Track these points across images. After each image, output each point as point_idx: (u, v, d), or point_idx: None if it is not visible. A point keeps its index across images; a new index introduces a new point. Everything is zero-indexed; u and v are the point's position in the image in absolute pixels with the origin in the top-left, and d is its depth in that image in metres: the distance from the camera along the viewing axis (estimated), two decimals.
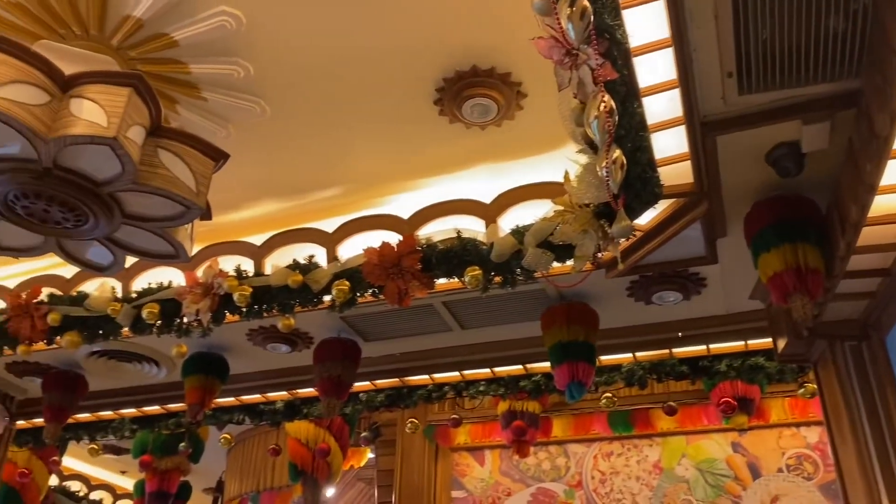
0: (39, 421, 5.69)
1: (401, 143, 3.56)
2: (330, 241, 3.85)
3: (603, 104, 2.17)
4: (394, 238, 3.58)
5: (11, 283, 4.49)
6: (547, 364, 4.25)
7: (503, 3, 2.78)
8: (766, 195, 3.08)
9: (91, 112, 2.45)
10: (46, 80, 2.46)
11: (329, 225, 3.94)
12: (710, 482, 6.18)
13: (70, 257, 3.16)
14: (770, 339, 3.99)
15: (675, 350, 4.49)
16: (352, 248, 3.76)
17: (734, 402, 4.97)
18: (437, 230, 3.55)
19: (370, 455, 7.06)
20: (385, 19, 2.86)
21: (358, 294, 3.66)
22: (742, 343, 4.43)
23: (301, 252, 3.84)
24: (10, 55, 2.40)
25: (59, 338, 4.17)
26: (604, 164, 2.41)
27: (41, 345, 4.32)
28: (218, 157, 2.84)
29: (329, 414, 4.45)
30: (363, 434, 6.45)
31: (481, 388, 4.87)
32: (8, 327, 4.19)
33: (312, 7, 2.82)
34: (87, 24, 2.83)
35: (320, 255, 3.82)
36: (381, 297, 3.61)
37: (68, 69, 2.53)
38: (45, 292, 4.22)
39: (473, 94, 3.12)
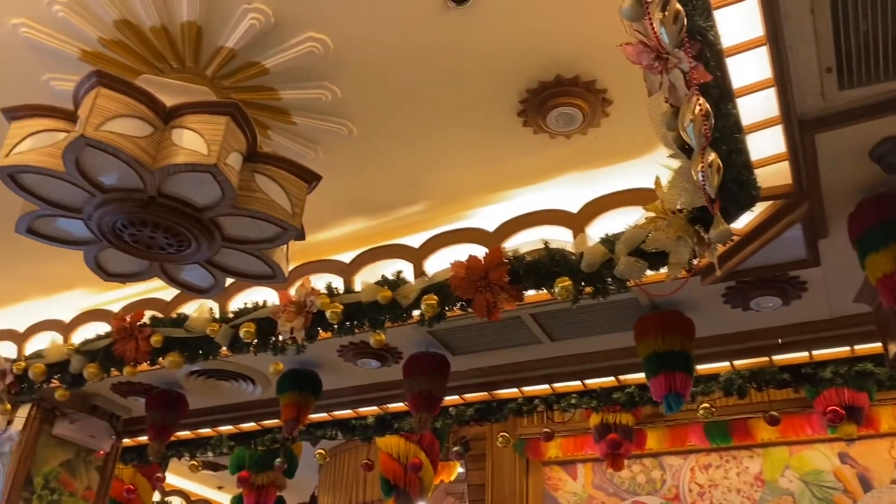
0: (143, 439, 5.96)
1: (485, 156, 3.56)
2: (416, 256, 3.88)
3: (698, 107, 2.12)
4: (480, 251, 3.58)
5: (116, 308, 4.71)
6: (641, 375, 4.16)
7: (585, 12, 2.75)
8: (871, 193, 2.94)
9: (192, 141, 2.55)
10: (149, 112, 2.58)
11: (415, 240, 3.98)
12: (818, 495, 5.89)
13: (173, 281, 3.30)
14: (880, 344, 3.79)
15: (775, 357, 4.32)
16: (438, 263, 3.79)
17: (842, 411, 4.74)
18: (523, 242, 3.53)
19: (460, 469, 7.06)
20: (467, 36, 2.88)
21: (446, 308, 3.67)
22: (848, 348, 4.22)
23: (389, 268, 3.88)
24: (116, 91, 2.53)
25: (161, 359, 4.33)
26: (699, 167, 2.35)
27: (144, 365, 4.50)
28: (311, 178, 2.92)
29: (421, 429, 4.47)
30: (454, 448, 6.46)
31: (573, 401, 4.81)
32: (114, 350, 4.39)
33: (396, 29, 2.86)
34: (183, 58, 2.96)
35: (407, 270, 3.86)
36: (470, 310, 3.61)
37: (169, 101, 2.65)
38: (147, 315, 4.41)
39: (558, 103, 3.10)
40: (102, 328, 4.60)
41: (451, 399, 5.02)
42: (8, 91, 3.08)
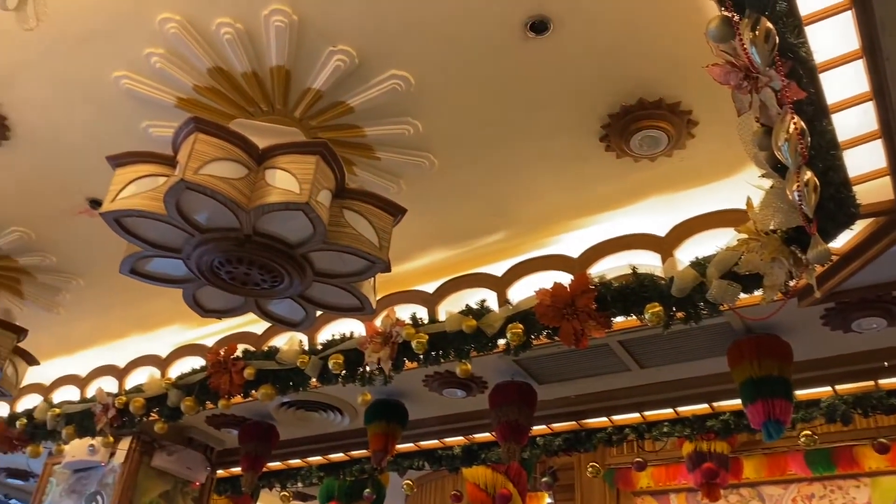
0: (236, 470, 6.11)
1: (567, 182, 3.54)
2: (500, 284, 3.88)
3: (793, 125, 2.06)
4: (565, 278, 3.55)
5: (210, 342, 4.87)
6: (735, 401, 4.03)
7: (666, 34, 2.73)
8: None
9: (284, 181, 2.65)
10: (244, 154, 2.69)
11: (498, 269, 3.98)
12: None
13: (266, 315, 3.40)
14: None
15: (881, 381, 4.10)
16: (522, 291, 3.77)
17: None
18: (610, 267, 3.48)
19: (548, 500, 6.94)
20: (547, 65, 2.89)
21: (532, 336, 3.64)
22: None
23: (472, 297, 3.89)
24: (213, 135, 2.65)
25: (254, 391, 4.44)
26: (795, 187, 2.29)
27: (238, 398, 4.63)
28: (396, 212, 2.97)
29: (509, 459, 4.42)
30: (543, 479, 6.36)
31: (665, 430, 4.68)
32: (209, 383, 4.53)
33: (476, 62, 2.90)
34: (273, 101, 3.07)
35: (491, 299, 3.85)
36: (556, 339, 3.57)
37: (261, 143, 2.76)
38: (240, 349, 4.54)
39: (641, 126, 3.06)
40: (197, 362, 4.76)
41: (538, 429, 4.96)
42: (111, 139, 3.26)
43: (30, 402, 5.47)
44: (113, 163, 2.82)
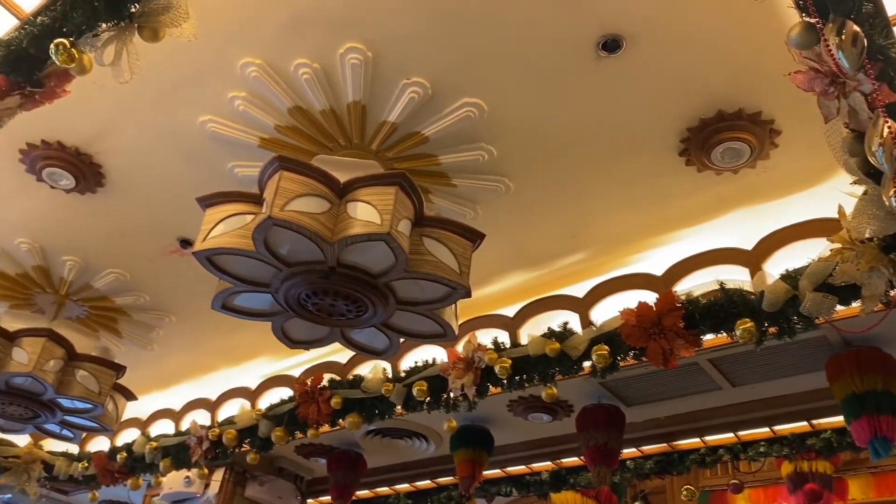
0: (326, 499, 6.17)
1: (647, 199, 3.49)
2: (582, 305, 3.83)
3: (887, 129, 1.98)
4: (650, 297, 3.48)
5: (296, 373, 4.97)
6: (837, 418, 3.84)
7: (742, 44, 2.68)
8: None
9: (365, 212, 2.70)
10: (326, 189, 2.76)
11: (579, 290, 3.94)
12: None
13: (351, 345, 3.46)
14: None
15: None
16: (605, 311, 3.71)
17: None
18: (696, 284, 3.39)
19: None
20: (621, 83, 2.88)
21: (619, 358, 3.57)
22: None
23: (554, 320, 3.85)
24: (296, 172, 2.73)
25: (341, 420, 4.49)
26: (892, 192, 2.18)
27: (325, 427, 4.70)
28: (475, 237, 2.99)
29: (599, 483, 4.34)
30: (635, 503, 6.20)
31: (762, 449, 4.50)
32: (298, 413, 4.61)
33: (549, 85, 2.91)
34: (350, 136, 3.15)
35: (573, 321, 3.81)
36: (644, 359, 3.49)
37: (342, 177, 2.83)
38: (326, 378, 4.61)
39: (722, 139, 3.00)
40: (285, 393, 4.86)
41: (628, 451, 4.85)
42: (199, 181, 3.39)
43: (129, 436, 5.68)
44: (202, 203, 2.93)
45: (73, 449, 6.07)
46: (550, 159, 3.29)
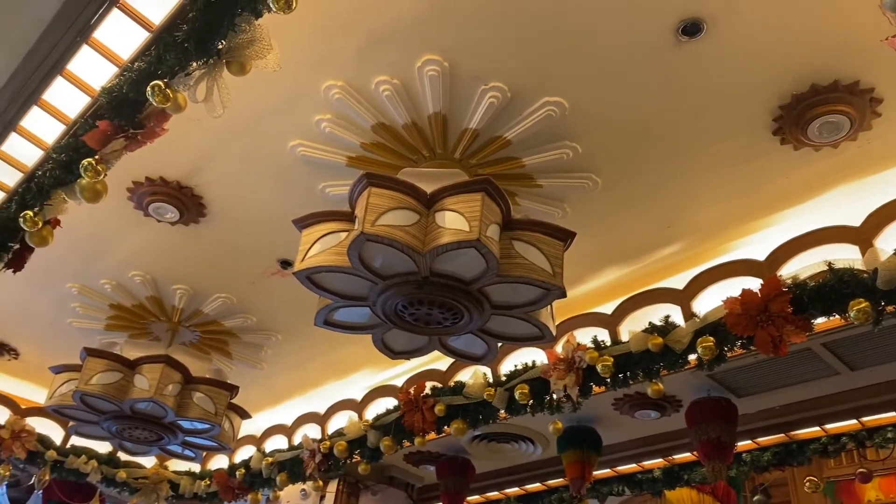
0: None
1: (742, 183, 3.38)
2: (683, 297, 3.72)
3: None
4: (753, 283, 3.35)
5: (398, 382, 5.06)
6: None
7: (830, 14, 2.55)
8: None
9: (454, 221, 2.73)
10: (414, 201, 2.81)
11: (677, 281, 3.84)
12: None
13: (450, 352, 3.49)
14: None
15: None
16: (708, 302, 3.60)
17: None
18: (802, 266, 3.24)
19: None
20: (705, 66, 2.80)
21: (726, 348, 3.46)
22: None
23: (655, 314, 3.76)
24: (384, 188, 2.79)
25: (446, 427, 4.53)
26: None
27: (431, 434, 4.75)
28: (566, 237, 2.96)
29: (715, 478, 4.20)
30: (755, 497, 5.97)
31: (889, 435, 4.24)
32: (403, 422, 4.68)
33: (629, 75, 2.86)
34: (433, 147, 3.19)
35: (675, 313, 3.71)
36: (752, 348, 3.37)
37: (428, 188, 2.86)
38: (428, 386, 4.67)
39: (818, 113, 2.87)
40: (390, 403, 4.95)
41: (743, 444, 4.68)
42: (293, 203, 3.49)
43: (245, 452, 5.92)
44: (298, 225, 3.03)
45: (196, 468, 6.38)
46: (638, 151, 3.23)
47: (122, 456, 6.05)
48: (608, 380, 3.81)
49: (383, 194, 2.76)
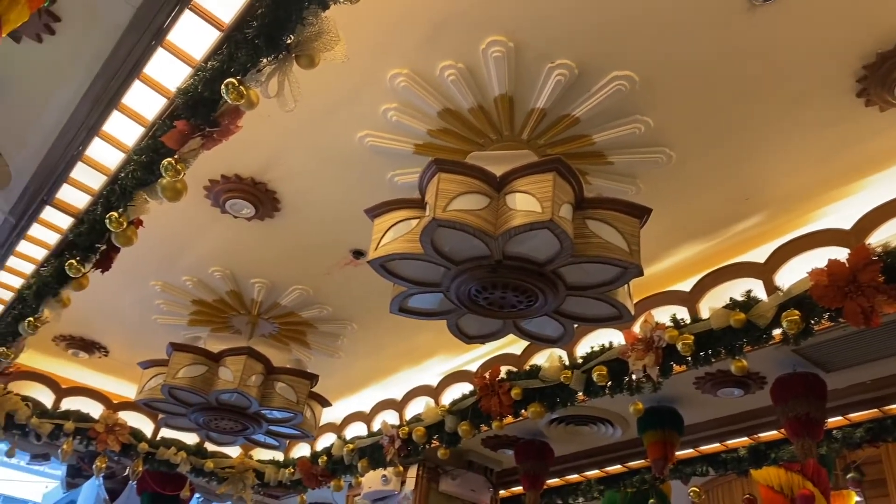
0: (517, 489, 6.25)
1: (824, 149, 3.24)
2: (764, 271, 3.61)
3: None
4: (840, 253, 3.23)
5: (473, 367, 5.07)
6: None
7: None
8: None
9: (525, 202, 2.71)
10: (484, 185, 2.80)
11: (758, 255, 3.73)
12: None
13: (526, 335, 3.48)
14: None
15: None
16: (791, 274, 3.48)
17: None
18: (893, 234, 3.10)
19: (857, 499, 6.25)
20: (781, 30, 2.68)
21: (812, 322, 3.34)
22: None
23: (735, 289, 3.66)
24: (454, 173, 2.79)
25: (524, 410, 4.53)
26: None
27: (509, 418, 4.75)
28: (641, 213, 2.91)
29: (805, 457, 4.08)
30: (850, 476, 5.76)
31: None
32: (480, 406, 4.70)
33: (700, 44, 2.76)
34: (500, 129, 3.17)
35: (757, 288, 3.60)
36: (841, 320, 3.24)
37: (497, 171, 2.85)
38: (503, 370, 4.67)
39: None
40: (465, 388, 4.98)
41: (833, 420, 4.52)
42: (363, 193, 3.52)
43: (327, 440, 6.05)
44: (370, 214, 3.07)
45: (280, 456, 6.56)
46: (712, 121, 3.13)
47: (209, 446, 6.29)
48: (689, 358, 3.74)
49: (453, 179, 2.76)
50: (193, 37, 2.55)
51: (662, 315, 3.91)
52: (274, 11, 2.24)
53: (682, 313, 3.86)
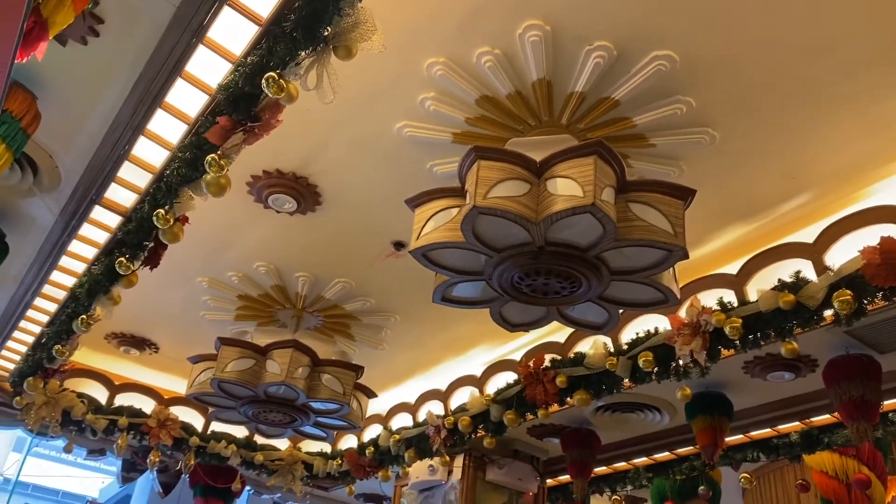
0: (565, 478, 6.23)
1: (874, 123, 3.14)
2: (814, 251, 3.54)
3: None
4: (892, 230, 3.14)
5: (516, 356, 5.06)
6: None
7: None
8: None
9: (566, 187, 2.68)
10: (524, 171, 2.78)
11: (806, 235, 3.64)
12: None
13: (570, 322, 3.45)
14: None
15: None
16: (841, 254, 3.40)
17: None
18: None
19: None
20: (824, 4, 2.60)
21: (865, 301, 3.25)
22: None
23: (784, 270, 3.59)
24: (493, 160, 2.78)
25: (569, 398, 4.50)
26: None
27: (554, 406, 4.73)
28: (685, 195, 2.86)
29: (860, 440, 3.98)
30: None
31: None
32: (525, 395, 4.69)
33: (742, 20, 2.70)
34: (539, 114, 3.15)
35: (806, 268, 3.52)
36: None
37: (537, 157, 2.83)
38: (547, 358, 4.65)
39: None
40: (510, 377, 4.97)
41: (889, 403, 4.40)
42: (403, 184, 3.54)
43: (373, 431, 6.11)
44: (411, 204, 3.07)
45: (328, 448, 6.64)
46: (756, 99, 3.06)
47: (259, 439, 6.40)
48: (737, 342, 3.68)
49: (492, 166, 2.75)
50: (233, 32, 2.59)
51: (709, 299, 3.85)
52: (311, 4, 2.26)
53: (730, 296, 3.80)
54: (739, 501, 7.42)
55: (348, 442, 6.48)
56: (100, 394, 5.98)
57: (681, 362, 3.92)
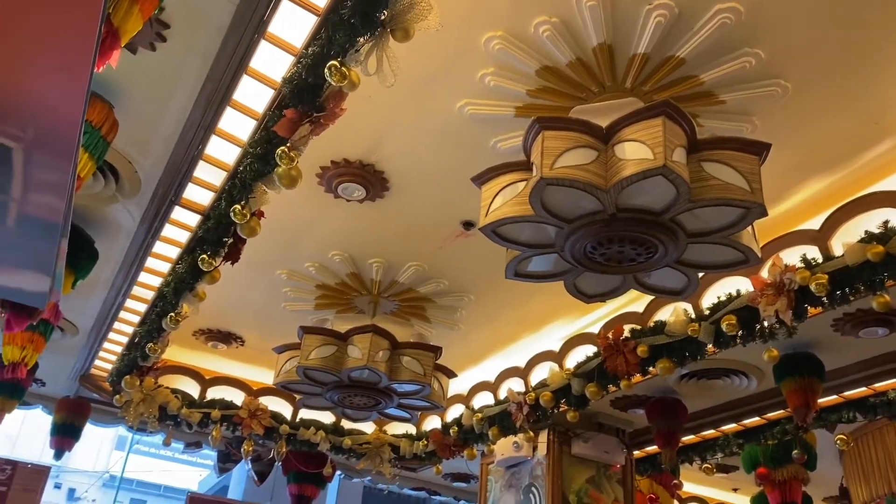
0: (652, 449, 6.17)
1: None
2: None
3: None
4: None
5: (594, 329, 5.01)
6: None
7: None
8: None
9: (635, 151, 2.63)
10: (590, 138, 2.75)
11: (893, 183, 3.48)
12: None
13: (648, 289, 3.40)
14: None
15: None
16: None
17: None
18: None
19: None
20: None
21: None
22: None
23: (870, 222, 3.44)
24: (557, 129, 2.75)
25: (651, 367, 4.44)
26: None
27: (637, 377, 4.67)
28: (759, 150, 2.77)
29: None
30: None
31: None
32: (606, 367, 4.64)
33: None
34: (602, 80, 3.09)
35: (895, 218, 3.37)
36: None
37: (603, 122, 2.79)
38: (626, 329, 4.59)
39: None
40: (589, 350, 4.94)
41: None
42: (468, 163, 3.53)
43: (455, 411, 6.17)
44: (477, 182, 3.07)
45: (412, 430, 6.75)
46: (829, 44, 2.93)
47: (346, 424, 6.56)
48: (824, 299, 3.56)
49: (557, 136, 2.72)
50: (292, 25, 2.64)
51: (791, 257, 3.73)
52: None
53: (813, 252, 3.67)
54: (837, 464, 7.16)
55: (432, 423, 6.57)
56: (192, 389, 6.24)
57: (766, 324, 3.82)
